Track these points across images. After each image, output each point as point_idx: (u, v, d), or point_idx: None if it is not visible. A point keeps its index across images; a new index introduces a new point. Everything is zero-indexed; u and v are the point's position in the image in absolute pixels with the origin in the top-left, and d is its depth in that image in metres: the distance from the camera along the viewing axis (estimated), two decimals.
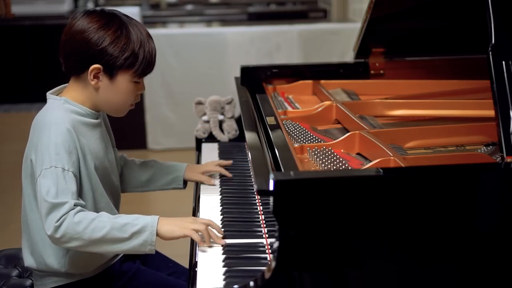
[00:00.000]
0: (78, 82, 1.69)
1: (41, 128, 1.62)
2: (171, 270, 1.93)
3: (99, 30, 1.63)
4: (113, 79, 1.66)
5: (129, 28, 1.66)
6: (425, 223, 1.32)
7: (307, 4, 7.39)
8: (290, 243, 1.29)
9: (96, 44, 1.62)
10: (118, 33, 1.64)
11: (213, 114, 2.42)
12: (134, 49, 1.65)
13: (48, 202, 1.52)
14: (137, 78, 1.69)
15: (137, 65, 1.66)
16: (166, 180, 1.96)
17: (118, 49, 1.63)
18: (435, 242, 1.32)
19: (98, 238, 1.52)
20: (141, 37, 1.67)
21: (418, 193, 1.32)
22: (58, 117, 1.63)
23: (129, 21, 1.68)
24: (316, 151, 1.71)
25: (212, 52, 5.01)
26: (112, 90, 1.68)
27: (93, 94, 1.68)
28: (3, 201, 4.16)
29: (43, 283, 1.74)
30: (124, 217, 1.57)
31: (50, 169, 1.56)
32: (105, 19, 1.65)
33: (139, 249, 1.55)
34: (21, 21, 6.59)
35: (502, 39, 1.50)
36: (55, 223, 1.51)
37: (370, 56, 2.51)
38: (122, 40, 1.64)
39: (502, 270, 1.34)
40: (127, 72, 1.66)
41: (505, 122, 1.43)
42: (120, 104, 1.72)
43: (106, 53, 1.63)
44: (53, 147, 1.58)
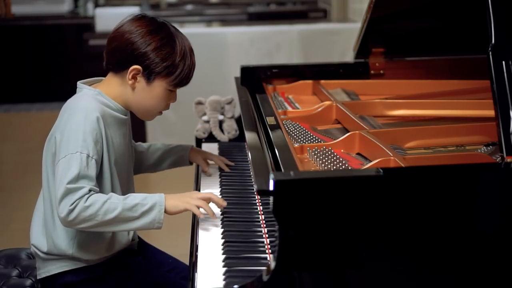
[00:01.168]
0: (116, 79, 1.75)
1: (72, 112, 1.69)
2: (171, 266, 1.95)
3: (147, 34, 1.70)
4: (150, 83, 1.73)
5: (175, 39, 1.73)
6: (425, 223, 1.32)
7: (307, 4, 7.39)
8: (290, 243, 1.29)
9: (141, 47, 1.70)
10: (164, 41, 1.71)
11: (213, 114, 2.42)
12: (175, 59, 1.72)
13: (67, 186, 1.58)
14: (173, 87, 1.76)
15: (175, 75, 1.73)
16: (173, 159, 2.07)
17: (161, 56, 1.70)
18: (435, 242, 1.32)
19: (110, 219, 1.60)
20: (185, 50, 1.74)
21: (418, 193, 1.32)
22: (90, 105, 1.70)
23: (176, 33, 1.75)
24: (316, 151, 1.71)
25: (212, 52, 5.01)
26: (146, 93, 1.74)
27: (128, 93, 1.75)
28: (3, 201, 4.16)
29: (47, 269, 1.76)
30: (133, 197, 1.64)
31: (75, 154, 1.62)
32: (154, 25, 1.73)
33: (148, 226, 1.64)
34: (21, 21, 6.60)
35: (502, 39, 1.50)
36: (69, 207, 1.57)
37: (370, 56, 2.51)
38: (166, 49, 1.71)
39: (502, 270, 1.34)
40: (165, 79, 1.73)
41: (505, 122, 1.43)
42: (151, 108, 1.78)
43: (148, 57, 1.70)
44: (82, 133, 1.64)
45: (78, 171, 1.60)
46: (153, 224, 1.63)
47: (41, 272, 1.78)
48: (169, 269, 1.94)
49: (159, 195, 1.66)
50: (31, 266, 1.92)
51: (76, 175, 1.59)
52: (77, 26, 6.56)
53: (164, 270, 1.93)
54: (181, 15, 6.95)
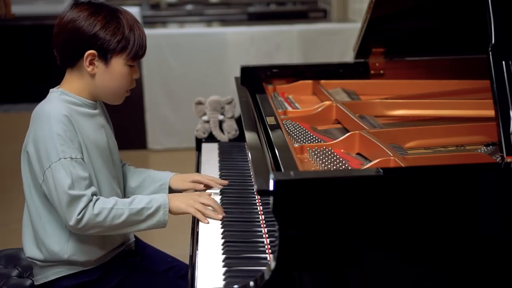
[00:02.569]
0: (74, 73, 1.74)
1: (40, 120, 1.67)
2: (170, 265, 1.95)
3: (89, 17, 1.69)
4: (108, 63, 1.71)
5: (117, 14, 1.72)
6: (425, 223, 1.32)
7: (307, 4, 7.39)
8: (290, 243, 1.29)
9: (88, 30, 1.68)
10: (108, 18, 1.70)
11: (213, 114, 2.42)
12: (124, 32, 1.71)
13: (67, 194, 1.60)
14: (131, 61, 1.74)
15: (130, 48, 1.72)
16: (154, 187, 1.95)
17: (110, 32, 1.69)
18: (435, 242, 1.32)
19: (117, 224, 1.65)
20: (130, 21, 1.73)
21: (418, 193, 1.32)
22: (55, 107, 1.68)
23: (117, 8, 1.74)
24: (316, 151, 1.71)
25: (212, 52, 5.01)
26: (108, 75, 1.72)
27: (90, 82, 1.73)
28: (3, 201, 4.16)
29: (44, 275, 1.76)
30: (138, 200, 1.68)
31: (59, 162, 1.62)
32: (93, 7, 1.71)
33: (153, 227, 1.70)
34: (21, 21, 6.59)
35: (502, 39, 1.50)
36: (77, 216, 1.61)
37: (370, 56, 2.51)
38: (112, 24, 1.69)
39: (502, 270, 1.34)
40: (121, 55, 1.71)
41: (505, 122, 1.43)
42: (117, 89, 1.76)
43: (99, 37, 1.68)
44: (57, 138, 1.63)
45: (70, 177, 1.61)
46: (158, 225, 1.70)
47: (38, 278, 1.78)
48: (167, 268, 1.94)
49: (162, 196, 1.71)
50: (31, 266, 1.92)
51: (71, 181, 1.61)
52: None
53: (162, 270, 1.93)
54: (181, 15, 6.95)
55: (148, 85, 4.94)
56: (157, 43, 4.91)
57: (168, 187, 1.94)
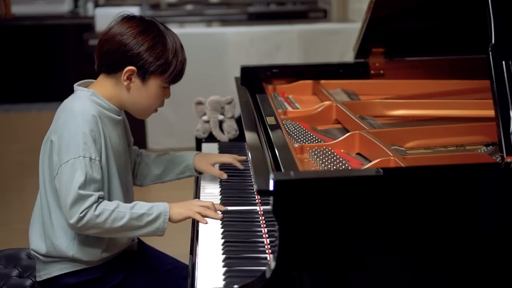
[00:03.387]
0: (109, 79, 1.75)
1: (68, 114, 1.69)
2: (171, 266, 1.95)
3: (138, 34, 1.71)
4: (145, 82, 1.74)
5: (165, 37, 1.74)
6: (425, 223, 1.32)
7: (307, 4, 7.38)
8: (290, 243, 1.29)
9: (134, 48, 1.70)
10: (156, 40, 1.72)
11: (213, 114, 2.42)
12: (168, 57, 1.73)
13: (77, 192, 1.61)
14: (167, 84, 1.78)
15: (169, 72, 1.75)
16: (179, 169, 2.01)
17: (154, 55, 1.71)
18: (435, 242, 1.32)
19: (117, 227, 1.65)
20: (176, 47, 1.75)
21: (418, 193, 1.32)
22: (86, 106, 1.70)
23: (166, 31, 1.76)
24: (316, 151, 1.71)
25: (212, 52, 5.01)
26: (142, 92, 1.75)
27: (122, 93, 1.75)
28: (3, 201, 4.16)
29: (47, 271, 1.77)
30: (139, 206, 1.68)
31: (78, 159, 1.63)
32: (144, 25, 1.73)
33: (151, 234, 1.70)
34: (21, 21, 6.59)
35: (502, 39, 1.50)
36: (80, 214, 1.61)
37: (370, 56, 2.51)
38: (158, 48, 1.72)
39: (502, 270, 1.34)
40: (159, 77, 1.74)
41: (505, 122, 1.43)
42: (147, 107, 1.79)
43: (142, 57, 1.71)
44: (81, 136, 1.65)
45: (84, 176, 1.62)
46: (156, 232, 1.69)
47: (41, 274, 1.79)
48: (169, 269, 1.95)
49: (164, 205, 1.70)
50: (31, 266, 1.92)
51: (84, 180, 1.62)
52: (77, 26, 6.56)
53: (164, 270, 1.93)
54: (181, 15, 6.95)
55: None
56: None
57: (193, 167, 1.99)
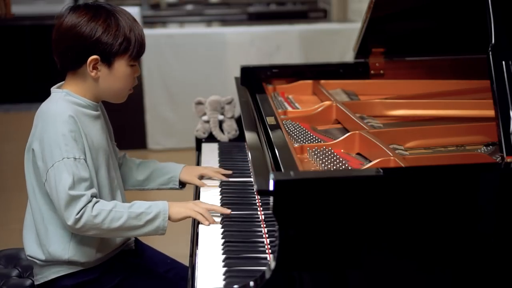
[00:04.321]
0: (76, 76, 1.74)
1: (46, 119, 1.68)
2: (170, 266, 1.95)
3: (90, 22, 1.68)
4: (111, 66, 1.72)
5: (116, 15, 1.72)
6: (425, 223, 1.32)
7: (307, 4, 7.38)
8: (290, 243, 1.29)
9: (90, 36, 1.68)
10: (108, 21, 1.70)
11: (213, 114, 2.42)
12: (125, 33, 1.71)
13: (67, 194, 1.60)
14: (133, 61, 1.75)
15: (131, 48, 1.72)
16: (163, 179, 2.00)
17: (112, 36, 1.69)
18: (435, 242, 1.32)
19: (116, 227, 1.64)
20: (129, 21, 1.73)
21: (418, 193, 1.32)
22: (61, 107, 1.69)
23: (114, 9, 1.74)
24: (316, 151, 1.71)
25: (212, 52, 5.01)
26: (111, 77, 1.73)
27: (93, 85, 1.73)
28: (3, 201, 4.16)
29: (44, 275, 1.76)
30: (138, 205, 1.67)
31: (62, 161, 1.63)
32: (92, 11, 1.70)
33: (151, 233, 1.68)
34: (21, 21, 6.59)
35: (502, 39, 1.50)
36: (76, 216, 1.61)
37: (370, 56, 2.51)
38: (113, 28, 1.70)
39: (502, 270, 1.34)
40: (123, 57, 1.72)
41: (505, 122, 1.43)
42: (121, 90, 1.77)
43: (101, 42, 1.69)
44: (61, 138, 1.64)
45: (72, 176, 1.61)
46: (157, 231, 1.68)
47: (38, 278, 1.78)
48: (167, 270, 1.94)
49: (163, 203, 1.69)
50: (31, 266, 1.92)
51: (72, 181, 1.61)
52: None
53: (162, 271, 1.93)
54: (181, 15, 6.95)
55: (148, 85, 4.94)
56: (157, 43, 4.91)
57: (177, 180, 1.98)
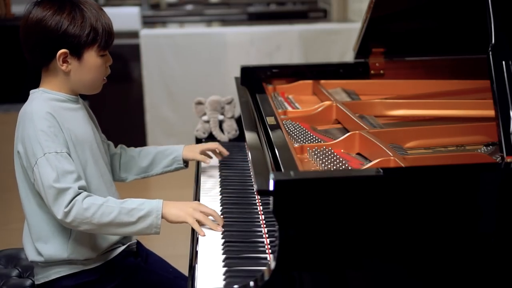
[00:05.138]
0: (49, 72, 1.74)
1: (24, 119, 1.69)
2: (172, 275, 1.94)
3: (55, 15, 1.67)
4: (81, 58, 1.71)
5: (81, 6, 1.71)
6: (425, 223, 1.32)
7: (307, 4, 7.38)
8: (290, 243, 1.29)
9: (56, 29, 1.67)
10: (73, 13, 1.68)
11: (213, 114, 2.42)
12: (92, 24, 1.70)
13: (53, 187, 1.59)
14: (103, 51, 1.74)
15: (99, 38, 1.71)
16: (166, 161, 2.02)
17: (78, 28, 1.68)
18: (435, 242, 1.32)
19: (107, 222, 1.61)
20: (95, 12, 1.72)
21: (418, 193, 1.32)
22: (38, 105, 1.69)
23: (79, 0, 1.72)
24: (316, 151, 1.71)
25: (212, 52, 5.01)
26: (83, 70, 1.72)
27: (66, 79, 1.73)
28: (3, 200, 4.16)
29: (45, 275, 1.76)
30: (130, 201, 1.65)
31: (44, 157, 1.62)
32: (56, 4, 1.69)
33: (145, 231, 1.65)
34: None
35: (502, 39, 1.50)
36: (64, 209, 1.59)
37: (370, 56, 2.51)
38: (79, 19, 1.69)
39: (502, 270, 1.34)
40: (92, 47, 1.71)
41: (505, 122, 1.43)
42: (94, 81, 1.76)
43: (68, 35, 1.68)
44: (41, 134, 1.64)
45: (56, 171, 1.60)
46: (151, 229, 1.65)
47: (39, 278, 1.78)
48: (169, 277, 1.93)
49: (157, 201, 1.67)
50: (31, 266, 1.92)
51: (56, 175, 1.60)
52: None
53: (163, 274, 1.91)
54: (181, 15, 6.95)
55: (148, 85, 4.94)
56: (157, 43, 4.91)
57: (181, 159, 2.01)
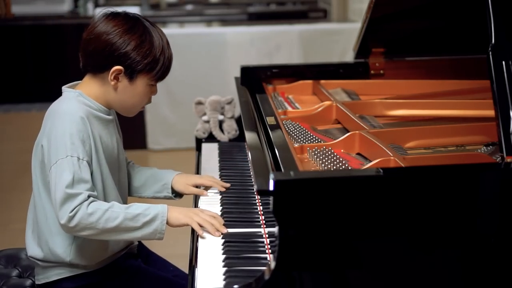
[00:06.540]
0: (95, 79, 1.73)
1: (56, 117, 1.67)
2: (172, 274, 1.94)
3: (125, 33, 1.68)
4: (133, 81, 1.71)
5: (152, 34, 1.71)
6: (425, 223, 1.32)
7: (307, 4, 7.39)
8: (290, 243, 1.29)
9: (121, 47, 1.67)
10: (142, 38, 1.69)
11: (213, 114, 2.42)
12: (155, 55, 1.70)
13: (64, 192, 1.58)
14: (154, 82, 1.75)
15: (157, 70, 1.72)
16: (157, 187, 1.94)
17: (141, 54, 1.69)
18: (435, 242, 1.32)
19: (111, 228, 1.60)
20: (162, 43, 1.73)
21: (418, 193, 1.32)
22: (73, 107, 1.68)
23: (152, 27, 1.73)
24: (316, 151, 1.71)
25: (212, 52, 5.01)
26: (129, 92, 1.73)
27: (109, 93, 1.73)
28: (3, 201, 4.16)
29: (45, 276, 1.76)
30: (135, 206, 1.64)
31: (66, 159, 1.61)
32: (130, 23, 1.70)
33: (149, 237, 1.64)
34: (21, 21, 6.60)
35: (502, 39, 1.50)
36: (69, 213, 1.57)
37: (370, 56, 2.51)
38: (145, 46, 1.69)
39: (502, 270, 1.34)
40: (147, 75, 1.72)
41: (505, 122, 1.43)
42: (134, 105, 1.77)
43: (129, 57, 1.68)
44: (68, 136, 1.63)
45: (72, 175, 1.59)
46: (155, 234, 1.64)
47: (40, 278, 1.78)
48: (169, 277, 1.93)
49: (162, 206, 1.66)
50: (31, 266, 1.92)
51: (71, 180, 1.59)
52: (77, 26, 6.56)
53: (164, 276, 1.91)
54: (181, 15, 6.95)
55: None
56: None
57: (170, 187, 1.92)
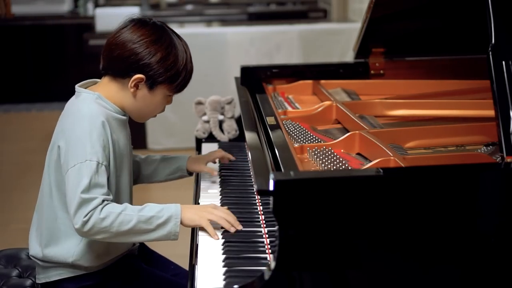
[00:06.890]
0: (114, 83, 1.73)
1: (76, 119, 1.67)
2: (173, 272, 1.94)
3: (151, 44, 1.68)
4: (152, 91, 1.72)
5: (177, 47, 1.72)
6: (425, 223, 1.32)
7: (307, 4, 7.39)
8: (290, 243, 1.29)
9: (145, 57, 1.68)
10: (168, 50, 1.70)
11: (213, 114, 2.42)
12: (178, 68, 1.71)
13: (80, 196, 1.57)
14: (173, 93, 1.76)
15: (177, 82, 1.73)
16: (170, 169, 2.01)
17: (165, 66, 1.69)
18: (435, 242, 1.32)
19: (125, 231, 1.59)
20: (186, 57, 1.74)
21: (418, 193, 1.32)
22: (94, 110, 1.68)
23: (178, 40, 1.74)
24: (316, 151, 1.71)
25: (212, 52, 5.01)
26: (147, 100, 1.74)
27: (127, 98, 1.73)
28: (3, 201, 4.16)
29: (46, 275, 1.76)
30: (149, 208, 1.62)
31: (85, 163, 1.60)
32: (157, 34, 1.70)
33: (164, 238, 1.62)
34: (21, 21, 6.60)
35: (502, 39, 1.50)
36: (83, 218, 1.56)
37: (370, 56, 2.51)
38: (170, 59, 1.70)
39: (502, 270, 1.34)
40: (167, 87, 1.73)
41: (505, 122, 1.43)
42: (149, 113, 1.79)
43: (153, 68, 1.69)
44: (89, 140, 1.62)
45: (89, 180, 1.58)
46: (169, 236, 1.62)
47: (40, 277, 1.78)
48: (171, 275, 1.93)
49: (175, 206, 1.64)
50: (31, 266, 1.92)
51: (88, 184, 1.58)
52: (77, 26, 6.57)
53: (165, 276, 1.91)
54: (181, 15, 6.95)
55: None
56: None
57: (185, 169, 2.00)
